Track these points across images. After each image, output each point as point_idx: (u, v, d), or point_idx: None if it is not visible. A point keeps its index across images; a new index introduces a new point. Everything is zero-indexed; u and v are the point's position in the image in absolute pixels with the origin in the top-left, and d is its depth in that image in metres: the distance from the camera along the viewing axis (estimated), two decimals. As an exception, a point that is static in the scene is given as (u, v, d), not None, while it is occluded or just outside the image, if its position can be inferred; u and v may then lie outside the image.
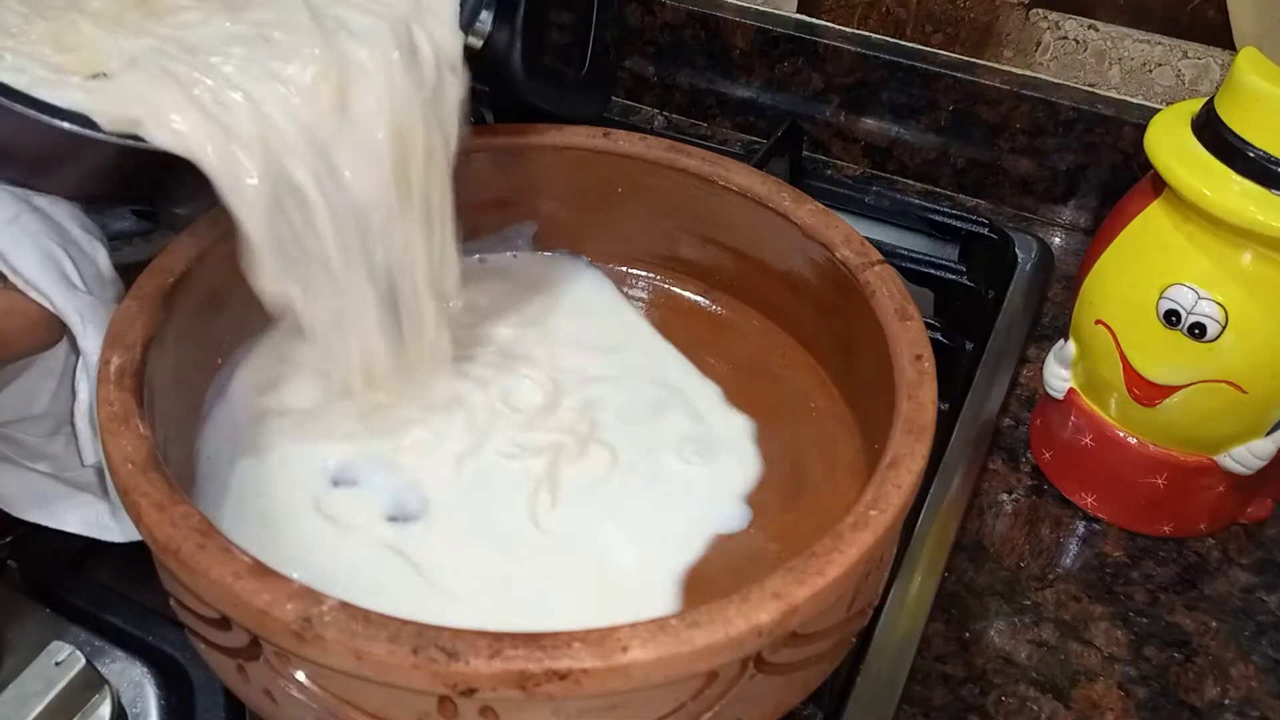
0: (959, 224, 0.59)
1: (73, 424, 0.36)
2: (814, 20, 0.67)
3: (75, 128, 0.31)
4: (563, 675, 0.24)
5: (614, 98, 0.71)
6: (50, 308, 0.33)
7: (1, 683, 0.33)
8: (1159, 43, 0.60)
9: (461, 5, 0.37)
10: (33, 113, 0.30)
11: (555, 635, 0.25)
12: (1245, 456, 0.42)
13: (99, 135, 0.31)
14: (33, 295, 0.33)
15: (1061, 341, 0.45)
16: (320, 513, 0.36)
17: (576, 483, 0.37)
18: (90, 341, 0.34)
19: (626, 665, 0.25)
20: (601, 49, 0.46)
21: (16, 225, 0.33)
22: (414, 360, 0.38)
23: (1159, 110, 0.41)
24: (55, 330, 0.34)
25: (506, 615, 0.32)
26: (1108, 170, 0.62)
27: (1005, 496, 0.47)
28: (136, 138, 0.31)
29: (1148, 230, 0.40)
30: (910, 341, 0.34)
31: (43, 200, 0.35)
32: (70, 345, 0.35)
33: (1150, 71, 0.61)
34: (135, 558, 0.37)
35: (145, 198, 0.39)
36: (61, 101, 0.31)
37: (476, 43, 0.39)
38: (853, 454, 0.39)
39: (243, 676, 0.29)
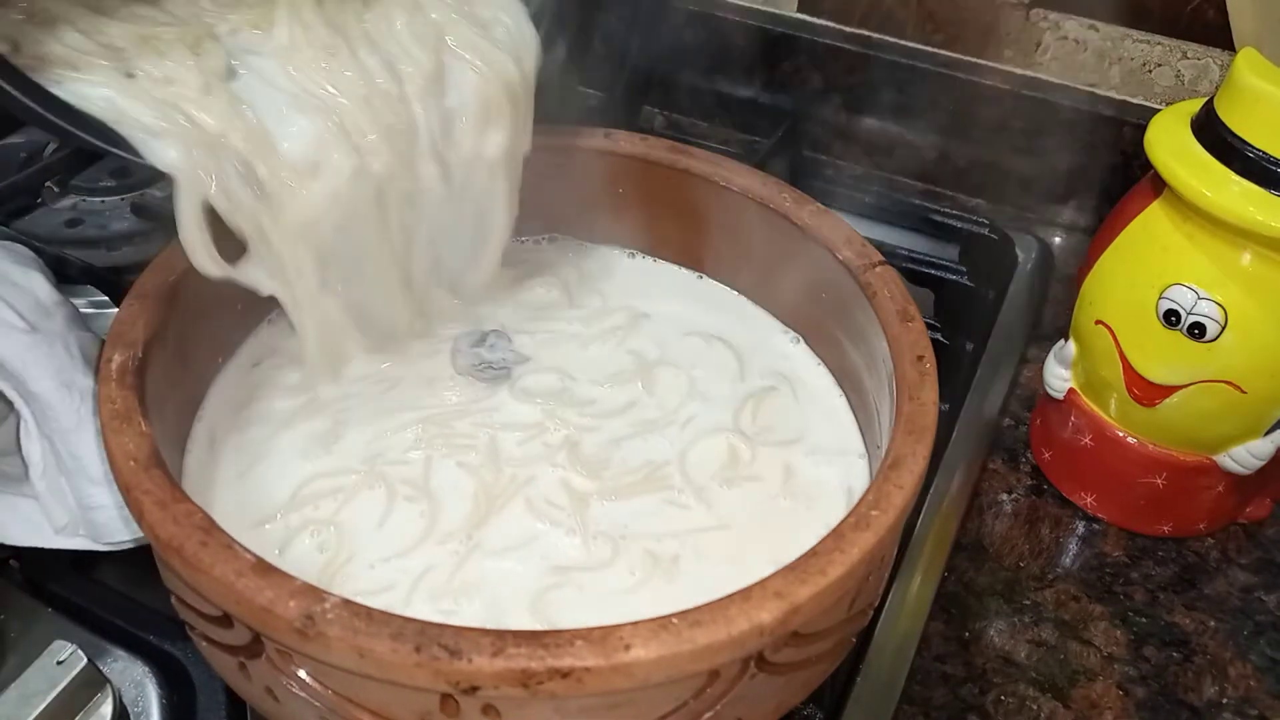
0: (959, 224, 0.59)
1: (35, 489, 0.34)
2: (814, 20, 0.67)
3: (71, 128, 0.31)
4: (565, 673, 0.25)
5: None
6: None
7: (4, 682, 0.33)
8: (1159, 43, 0.60)
9: None
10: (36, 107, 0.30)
11: (558, 633, 0.25)
12: (1244, 456, 0.42)
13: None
14: None
15: (1061, 341, 0.46)
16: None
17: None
18: (37, 382, 0.33)
19: (629, 664, 0.25)
20: (632, 77, 0.46)
21: None
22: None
23: (1159, 110, 0.41)
24: None
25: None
26: (1108, 170, 0.62)
27: (1005, 496, 0.47)
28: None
29: (1148, 230, 0.40)
30: (911, 343, 0.34)
31: None
32: (10, 410, 0.33)
33: (1150, 71, 0.61)
34: (136, 558, 0.37)
35: None
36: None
37: None
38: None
39: (244, 674, 0.29)
